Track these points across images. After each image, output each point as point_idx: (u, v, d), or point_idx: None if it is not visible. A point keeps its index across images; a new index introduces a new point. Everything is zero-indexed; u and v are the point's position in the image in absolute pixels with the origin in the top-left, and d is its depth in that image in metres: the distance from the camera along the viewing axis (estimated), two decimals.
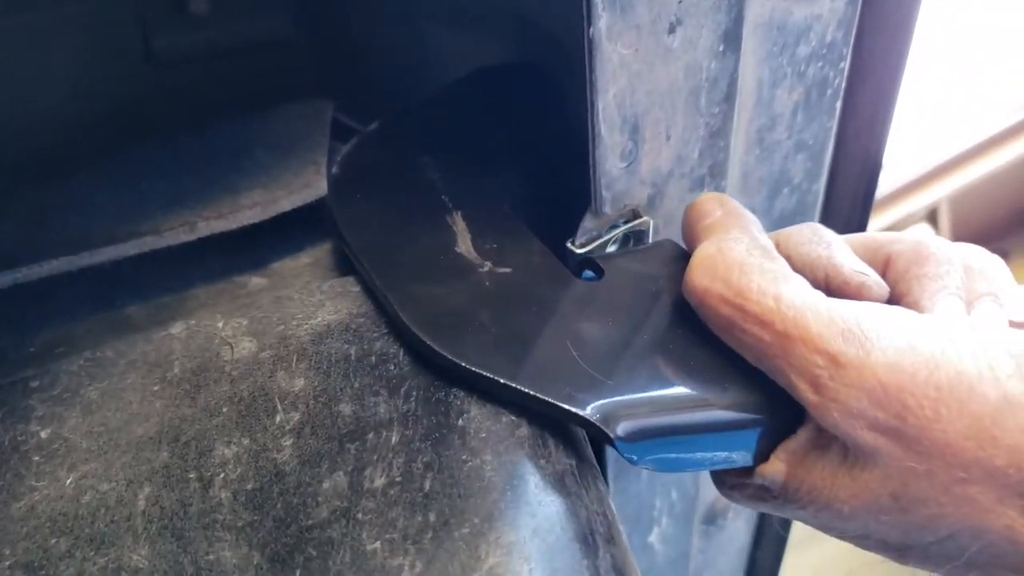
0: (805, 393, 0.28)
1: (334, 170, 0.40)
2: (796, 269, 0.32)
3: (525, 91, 0.49)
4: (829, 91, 0.43)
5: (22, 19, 0.53)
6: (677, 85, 0.36)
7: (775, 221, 0.47)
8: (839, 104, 0.44)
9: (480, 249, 0.36)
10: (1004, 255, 1.82)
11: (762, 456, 0.31)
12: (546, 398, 0.30)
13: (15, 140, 0.55)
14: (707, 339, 0.32)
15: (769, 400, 0.30)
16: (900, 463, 0.27)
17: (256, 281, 0.39)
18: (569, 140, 0.45)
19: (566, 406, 0.29)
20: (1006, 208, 1.77)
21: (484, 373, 0.30)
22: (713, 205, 0.35)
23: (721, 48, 0.37)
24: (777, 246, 0.33)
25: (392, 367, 0.32)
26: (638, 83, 0.35)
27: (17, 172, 0.54)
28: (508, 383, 0.30)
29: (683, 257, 0.37)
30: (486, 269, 0.35)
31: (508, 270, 0.35)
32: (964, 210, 1.67)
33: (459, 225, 0.37)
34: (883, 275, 0.33)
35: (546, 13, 0.44)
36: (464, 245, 0.36)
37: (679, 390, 0.31)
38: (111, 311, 0.38)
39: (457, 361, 0.30)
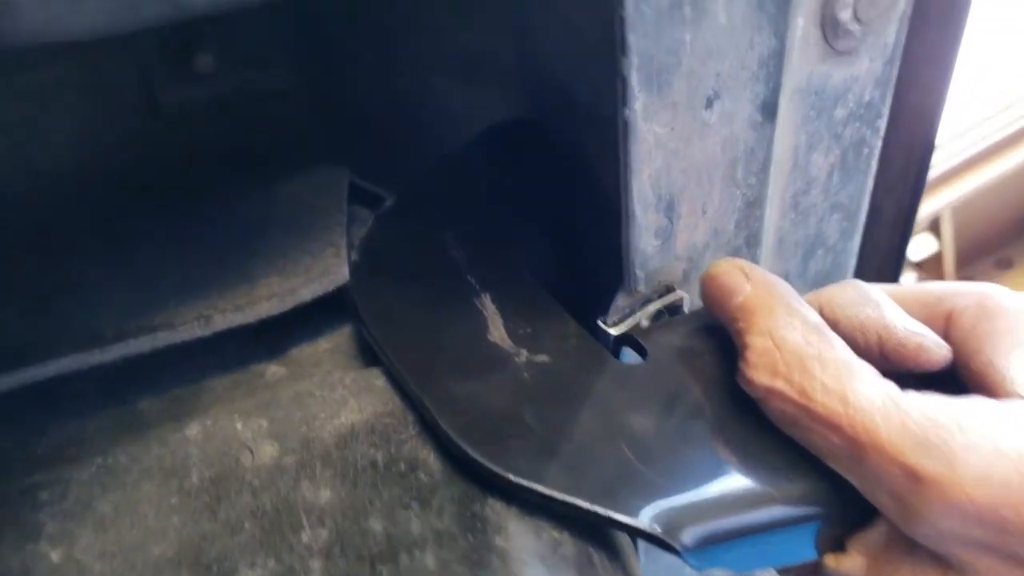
0: (884, 504, 0.26)
1: (353, 256, 0.38)
2: (845, 334, 0.30)
3: (539, 149, 0.47)
4: (866, 150, 0.41)
5: (22, 79, 0.51)
6: (714, 159, 0.35)
7: (810, 283, 0.45)
8: (875, 162, 0.43)
9: (513, 335, 0.35)
10: (1008, 264, 1.80)
11: (832, 545, 0.29)
12: (606, 513, 0.28)
13: (16, 203, 0.53)
14: (765, 424, 0.30)
15: (838, 489, 0.28)
16: (1006, 572, 0.25)
17: (274, 370, 0.37)
18: (591, 202, 0.43)
19: (626, 520, 0.28)
20: (1009, 217, 1.75)
21: (536, 488, 0.28)
22: (739, 279, 0.32)
23: (759, 119, 0.35)
24: (820, 310, 0.31)
25: (423, 475, 0.30)
26: (674, 161, 0.33)
27: (18, 240, 0.52)
28: (565, 499, 0.28)
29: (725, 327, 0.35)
30: (523, 358, 0.33)
31: (546, 358, 0.33)
32: (967, 219, 1.65)
33: (489, 309, 0.36)
34: (945, 332, 0.30)
35: (569, 74, 0.42)
36: (497, 332, 0.34)
37: (741, 483, 0.29)
38: (122, 407, 0.36)
39: (505, 475, 0.29)
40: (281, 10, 0.40)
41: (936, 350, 0.29)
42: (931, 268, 1.63)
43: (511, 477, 0.28)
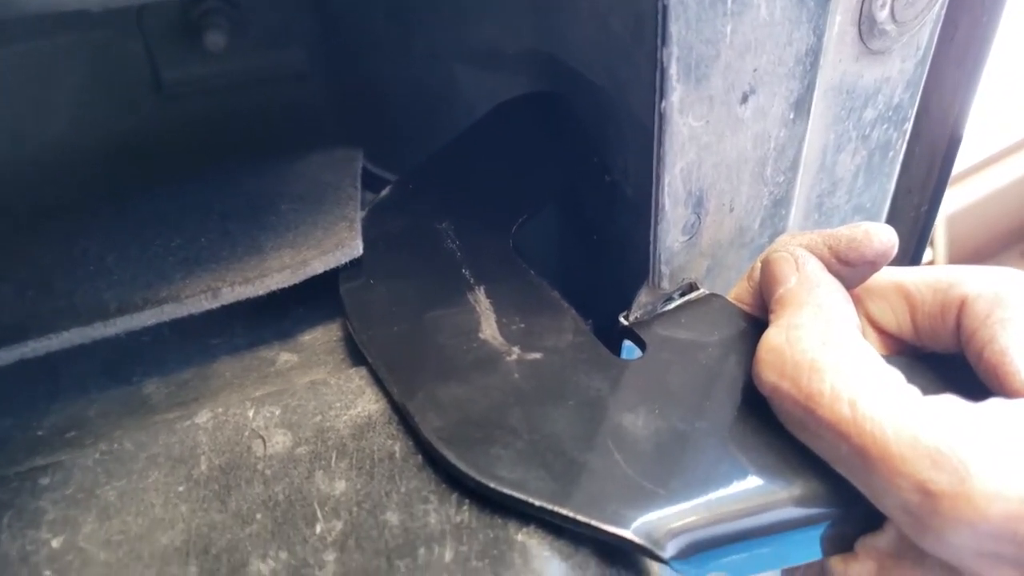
0: (895, 515, 0.26)
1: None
2: None
3: (549, 127, 0.45)
4: (891, 153, 0.41)
5: (23, 47, 0.50)
6: (745, 155, 0.34)
7: None
8: (899, 164, 0.42)
9: (506, 332, 0.33)
10: None
11: (839, 546, 0.28)
12: (587, 520, 0.27)
13: (15, 175, 0.52)
14: (769, 422, 0.29)
15: (847, 490, 0.27)
16: None
17: (285, 357, 0.36)
18: (609, 192, 0.42)
19: (609, 528, 0.27)
20: (1002, 227, 1.76)
21: (519, 496, 0.27)
22: (788, 270, 0.31)
23: (792, 116, 0.34)
24: None
25: (441, 467, 0.29)
26: (706, 155, 0.33)
27: (17, 215, 0.50)
28: (544, 505, 0.27)
29: (735, 317, 0.34)
30: (514, 357, 0.32)
31: (538, 355, 0.32)
32: (961, 229, 1.66)
33: (482, 304, 0.34)
34: (958, 318, 0.29)
35: (591, 65, 0.41)
36: (488, 329, 0.33)
37: (741, 486, 0.28)
38: (127, 387, 0.35)
39: (485, 482, 0.28)
40: None
41: (885, 229, 0.30)
42: None
43: (491, 485, 0.27)
